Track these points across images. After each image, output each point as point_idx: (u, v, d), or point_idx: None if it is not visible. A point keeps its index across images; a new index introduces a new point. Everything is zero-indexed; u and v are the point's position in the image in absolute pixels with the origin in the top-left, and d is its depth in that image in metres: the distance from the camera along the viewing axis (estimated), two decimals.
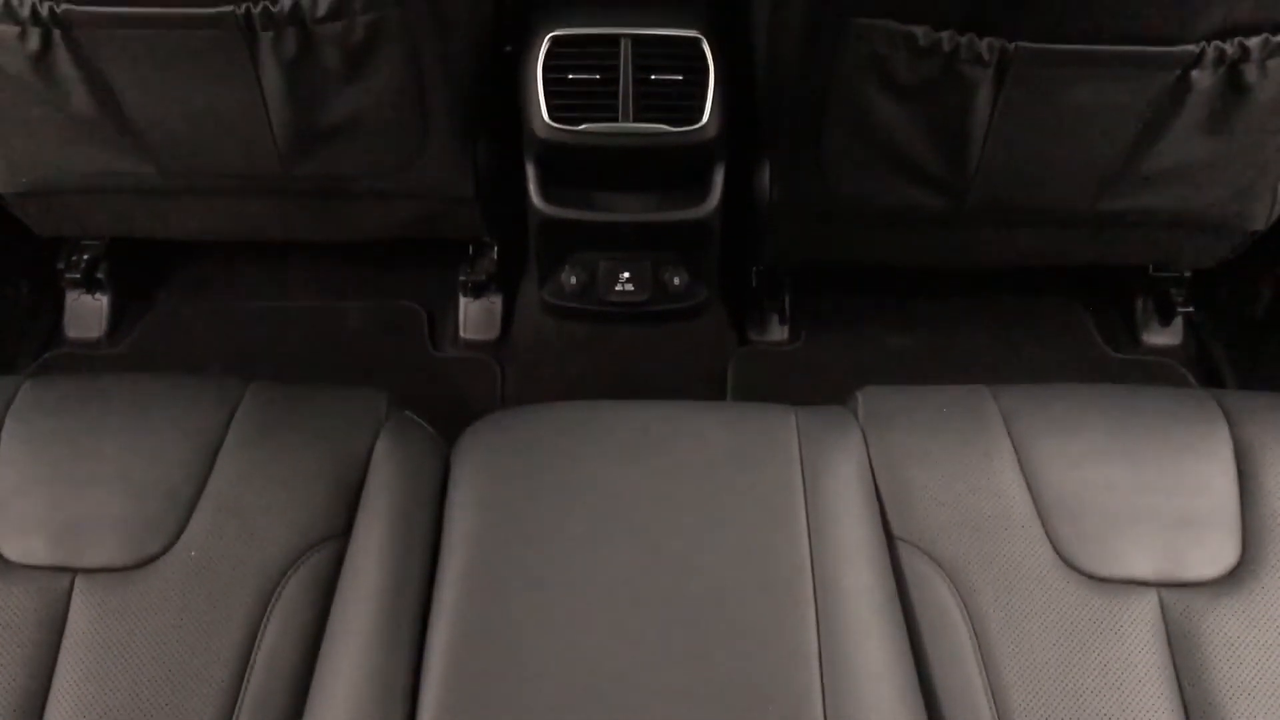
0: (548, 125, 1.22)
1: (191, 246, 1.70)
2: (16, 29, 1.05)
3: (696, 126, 1.22)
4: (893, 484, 0.98)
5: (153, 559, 0.91)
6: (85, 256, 1.60)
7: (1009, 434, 1.00)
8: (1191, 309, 1.59)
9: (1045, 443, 0.99)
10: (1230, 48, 1.01)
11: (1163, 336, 1.65)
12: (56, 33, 1.06)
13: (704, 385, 1.59)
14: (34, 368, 1.60)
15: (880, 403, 1.04)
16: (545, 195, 1.31)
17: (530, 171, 1.30)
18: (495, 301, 1.66)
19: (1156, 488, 0.96)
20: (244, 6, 1.04)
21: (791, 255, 1.50)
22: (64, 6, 1.03)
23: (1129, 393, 1.07)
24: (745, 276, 1.62)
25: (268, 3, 1.04)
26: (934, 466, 0.98)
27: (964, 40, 1.02)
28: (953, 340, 1.65)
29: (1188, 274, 1.59)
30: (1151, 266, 1.59)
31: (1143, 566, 0.92)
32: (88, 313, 1.65)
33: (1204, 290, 1.60)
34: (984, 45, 1.02)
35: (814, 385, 1.54)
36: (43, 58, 1.09)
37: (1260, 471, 0.97)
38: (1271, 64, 1.03)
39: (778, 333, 1.65)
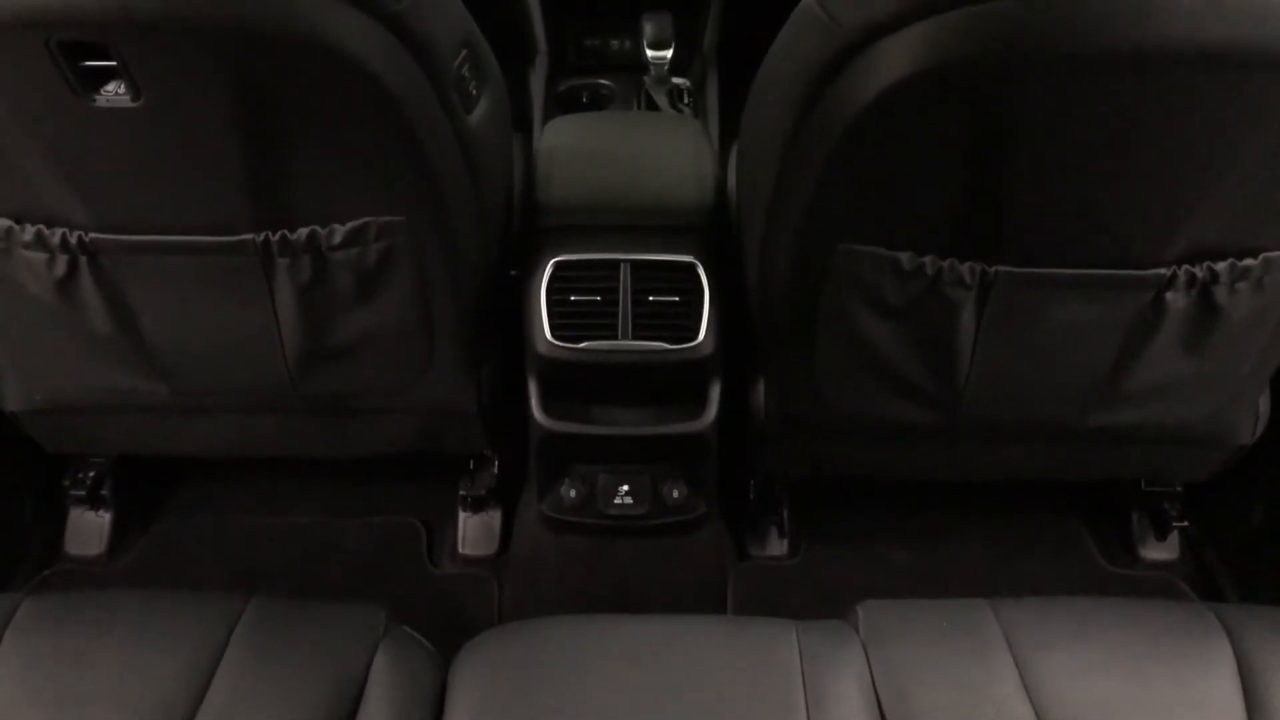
0: (550, 343, 1.26)
1: (194, 462, 1.72)
2: (45, 255, 1.10)
3: (693, 344, 1.27)
4: (895, 699, 0.96)
5: None
6: (91, 474, 1.61)
7: (1010, 649, 0.99)
8: (1186, 523, 1.60)
9: (1046, 658, 0.98)
10: (1200, 271, 1.06)
11: (1159, 551, 1.65)
12: (83, 259, 1.11)
13: (704, 599, 1.58)
14: (33, 584, 1.59)
15: (881, 617, 1.04)
16: (546, 410, 1.34)
17: (532, 387, 1.34)
18: (494, 516, 1.66)
19: (1159, 704, 0.95)
20: (263, 235, 1.09)
21: (789, 469, 1.52)
22: (92, 236, 1.09)
23: (1128, 607, 1.07)
24: (744, 490, 1.63)
25: (286, 231, 1.09)
26: (936, 682, 0.97)
27: (946, 265, 1.07)
28: (951, 554, 1.65)
29: (1180, 488, 1.60)
30: (1144, 481, 1.61)
31: None
32: (89, 529, 1.65)
33: (1198, 503, 1.61)
34: (965, 269, 1.07)
35: (814, 599, 1.52)
36: (67, 282, 1.13)
37: (1263, 688, 0.96)
38: (1240, 286, 1.08)
39: (777, 547, 1.65)
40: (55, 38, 0.88)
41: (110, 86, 0.94)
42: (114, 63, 0.90)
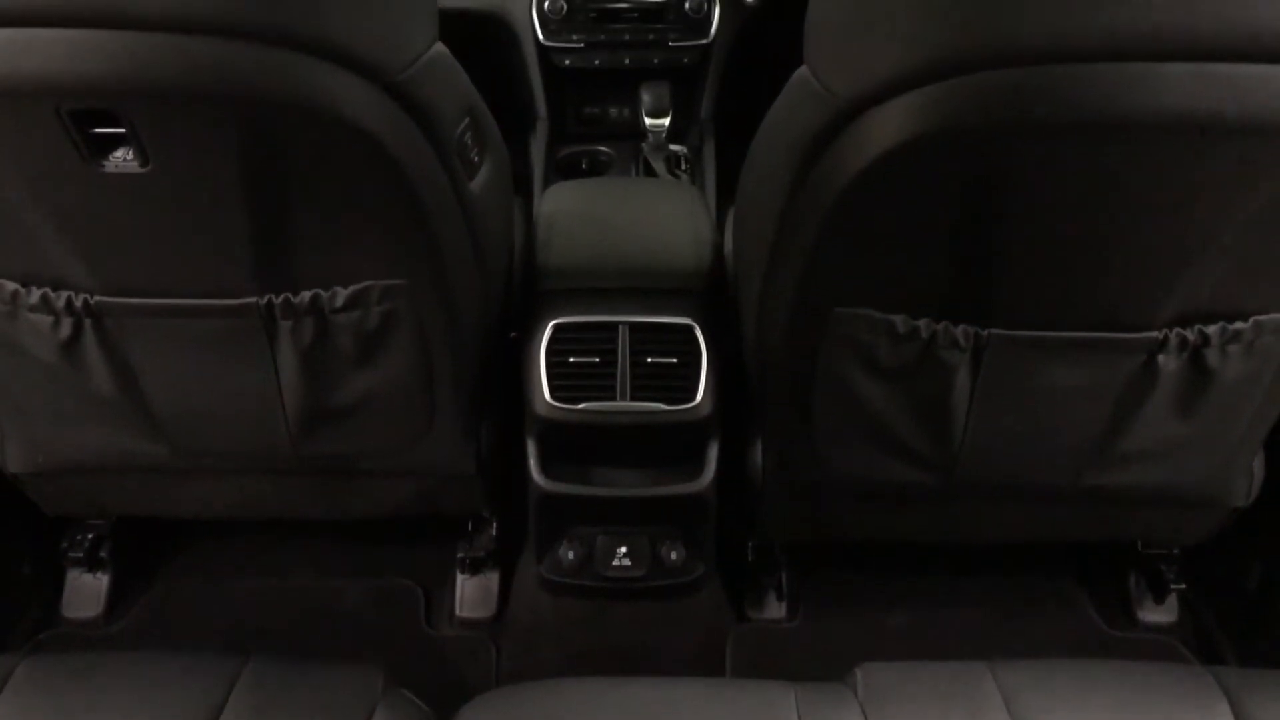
0: (549, 404, 1.27)
1: (192, 524, 1.72)
2: (50, 318, 1.12)
3: (690, 405, 1.28)
4: None
5: None
6: (89, 536, 1.61)
7: (1009, 712, 0.99)
8: (1184, 586, 1.59)
9: None
10: (1191, 334, 1.07)
11: (1158, 614, 1.64)
12: (88, 322, 1.12)
13: (702, 662, 1.57)
14: (29, 647, 1.58)
15: (880, 680, 1.03)
16: (545, 471, 1.35)
17: (531, 448, 1.34)
18: (492, 578, 1.66)
19: None
20: (266, 298, 1.10)
21: (787, 531, 1.52)
22: (97, 299, 1.10)
23: (1128, 670, 1.06)
24: (742, 551, 1.63)
25: (289, 294, 1.11)
26: None
27: (940, 328, 1.08)
28: (950, 616, 1.64)
29: (1177, 550, 1.60)
30: (1141, 543, 1.61)
31: None
32: (87, 592, 1.64)
33: (1196, 565, 1.61)
34: (959, 332, 1.08)
35: (813, 662, 1.52)
36: (71, 344, 1.14)
37: None
38: (1232, 349, 1.09)
39: (775, 609, 1.64)
40: (66, 105, 0.90)
41: (119, 153, 0.95)
42: (123, 129, 0.92)
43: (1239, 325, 1.07)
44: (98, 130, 0.93)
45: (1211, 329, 1.07)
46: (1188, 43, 0.81)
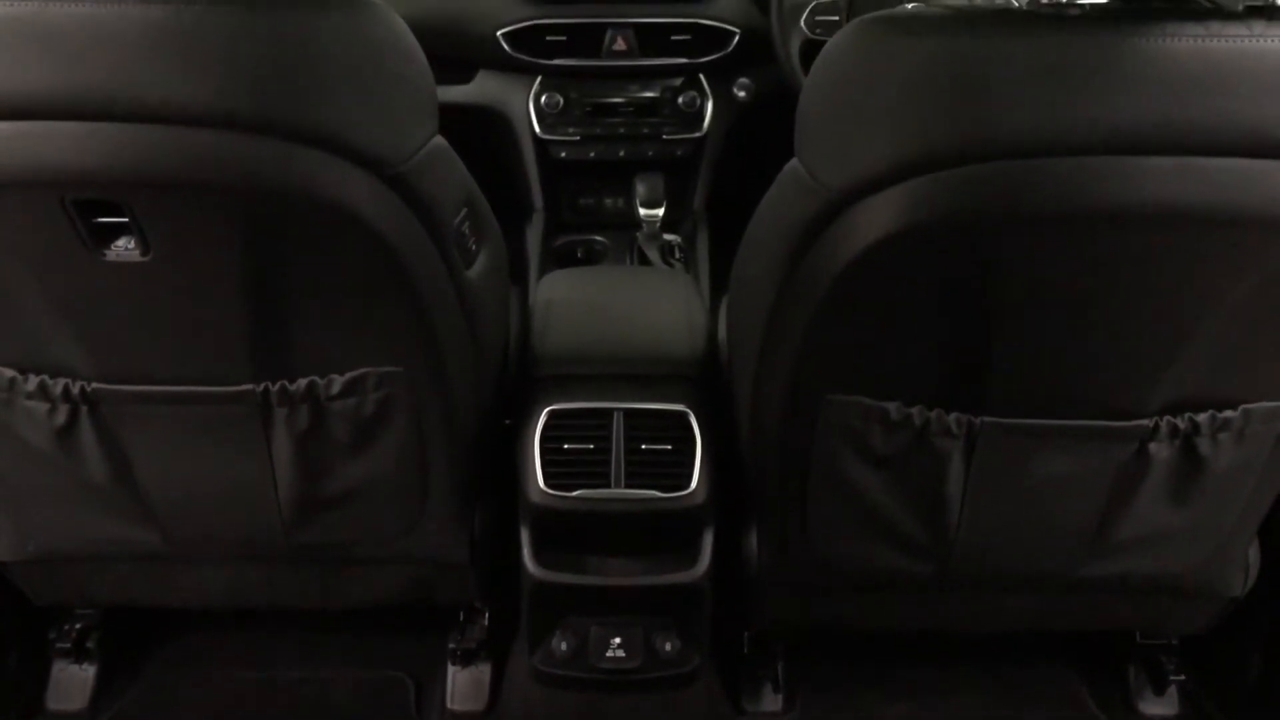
0: (543, 492, 1.27)
1: (181, 614, 1.70)
2: (47, 405, 1.12)
3: (685, 493, 1.27)
4: None
5: None
6: (77, 626, 1.59)
7: None
8: (1184, 677, 1.57)
9: None
10: (1182, 422, 1.08)
11: (1158, 706, 1.62)
12: (84, 408, 1.12)
13: None
14: None
15: None
16: (538, 559, 1.34)
17: (524, 536, 1.34)
18: (484, 670, 1.63)
19: None
20: (263, 385, 1.11)
21: (783, 620, 1.50)
22: (94, 386, 1.10)
23: None
24: (738, 642, 1.61)
25: (285, 381, 1.11)
26: None
27: (933, 415, 1.09)
28: (949, 708, 1.61)
29: (1176, 640, 1.58)
30: (1139, 633, 1.59)
31: None
32: (73, 683, 1.61)
33: (1196, 656, 1.59)
34: (952, 420, 1.09)
35: None
36: (66, 431, 1.14)
37: None
38: (1222, 437, 1.09)
39: (772, 702, 1.62)
40: (70, 196, 0.91)
41: (120, 241, 0.97)
42: (125, 219, 0.94)
43: (1229, 413, 1.08)
44: (100, 220, 0.94)
45: (1202, 417, 1.08)
46: (1170, 138, 0.84)
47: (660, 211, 1.88)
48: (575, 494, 1.27)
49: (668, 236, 1.94)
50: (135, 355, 1.09)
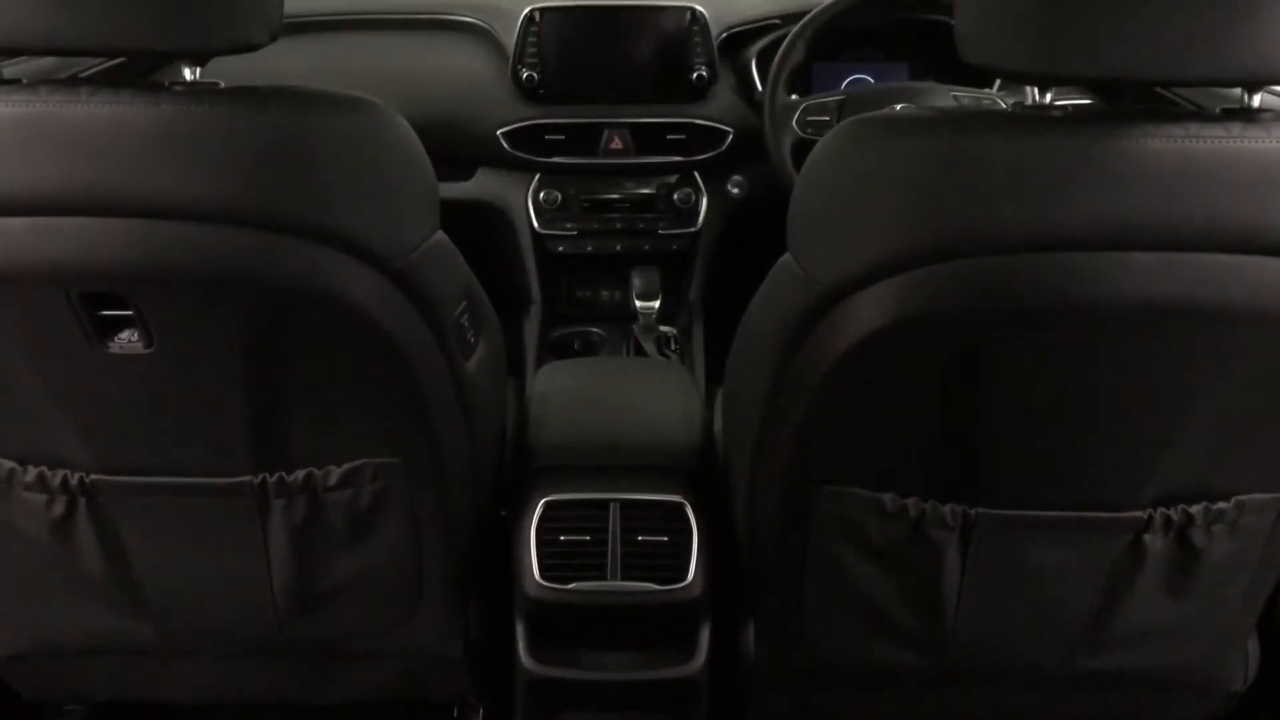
0: (539, 584, 1.26)
1: (170, 709, 1.67)
2: (45, 497, 1.12)
3: (682, 585, 1.27)
4: None
5: None
6: None
7: None
8: None
9: None
10: (1175, 514, 1.08)
11: None
12: (81, 500, 1.12)
13: None
14: None
15: None
16: (534, 654, 1.32)
17: (519, 630, 1.33)
18: None
19: None
20: (260, 476, 1.11)
21: (780, 714, 1.48)
22: (93, 477, 1.11)
23: None
24: None
25: (283, 472, 1.12)
26: None
27: (928, 506, 1.09)
28: None
29: None
30: None
31: None
32: None
33: None
34: (947, 511, 1.09)
35: None
36: (63, 523, 1.14)
37: None
38: (1216, 529, 1.09)
39: None
40: (77, 289, 0.93)
41: (124, 334, 0.98)
42: (129, 312, 0.95)
43: (1222, 505, 1.08)
44: (105, 313, 0.96)
45: (1195, 508, 1.08)
46: (1153, 234, 0.86)
47: (656, 304, 1.91)
48: (571, 586, 1.26)
49: (663, 329, 1.96)
50: (134, 446, 1.09)
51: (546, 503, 1.30)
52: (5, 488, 1.12)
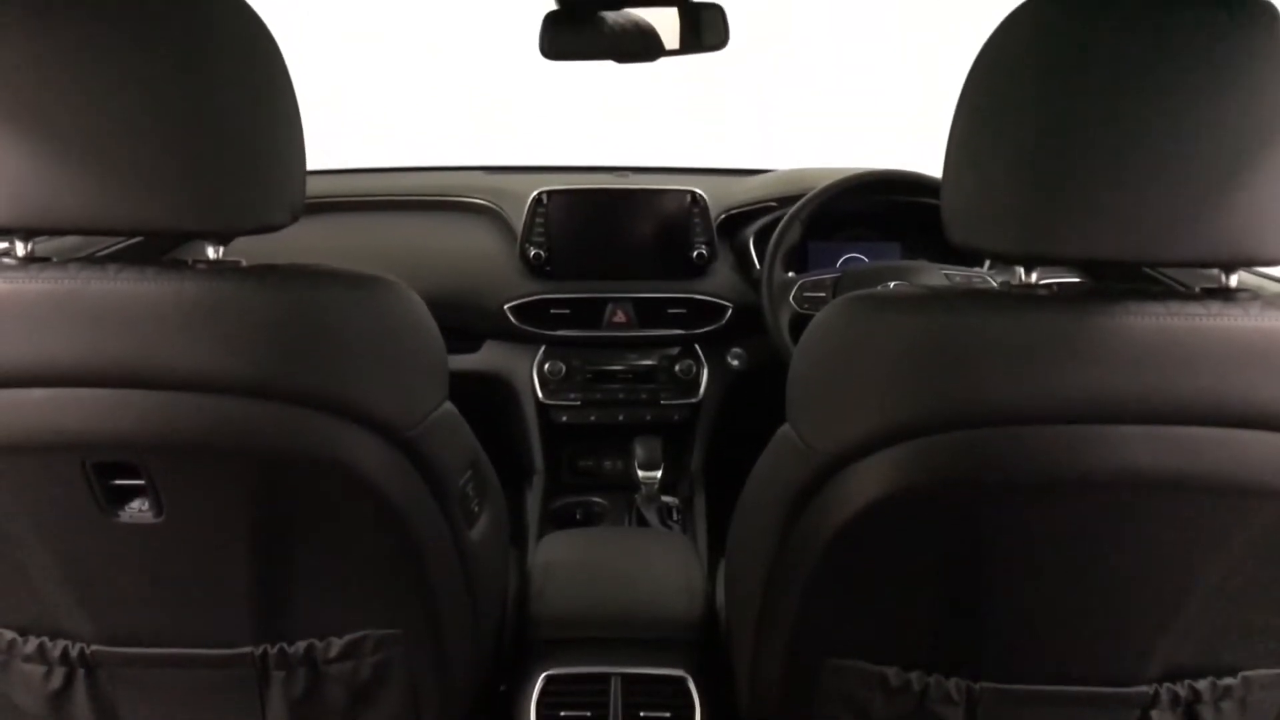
0: None
1: None
2: (44, 669, 1.11)
3: None
4: None
5: None
6: None
7: None
8: None
9: None
10: (1182, 690, 1.07)
11: None
12: (80, 671, 1.11)
13: None
14: None
15: None
16: None
17: None
18: None
19: None
20: (261, 648, 1.10)
21: None
22: (94, 648, 1.10)
23: None
24: None
25: (284, 644, 1.11)
26: None
27: (932, 680, 1.08)
28: None
29: None
30: None
31: None
32: None
33: None
34: (952, 685, 1.08)
35: None
36: (60, 695, 1.12)
37: None
38: (1225, 705, 1.08)
39: None
40: (91, 459, 0.94)
41: (134, 503, 0.99)
42: (141, 481, 0.96)
43: (1228, 681, 1.07)
44: (117, 482, 0.97)
45: (1202, 684, 1.07)
46: (1138, 408, 0.88)
47: (658, 474, 1.93)
48: None
49: (665, 498, 1.97)
50: (137, 617, 1.09)
51: (547, 677, 1.28)
52: (5, 659, 1.11)
